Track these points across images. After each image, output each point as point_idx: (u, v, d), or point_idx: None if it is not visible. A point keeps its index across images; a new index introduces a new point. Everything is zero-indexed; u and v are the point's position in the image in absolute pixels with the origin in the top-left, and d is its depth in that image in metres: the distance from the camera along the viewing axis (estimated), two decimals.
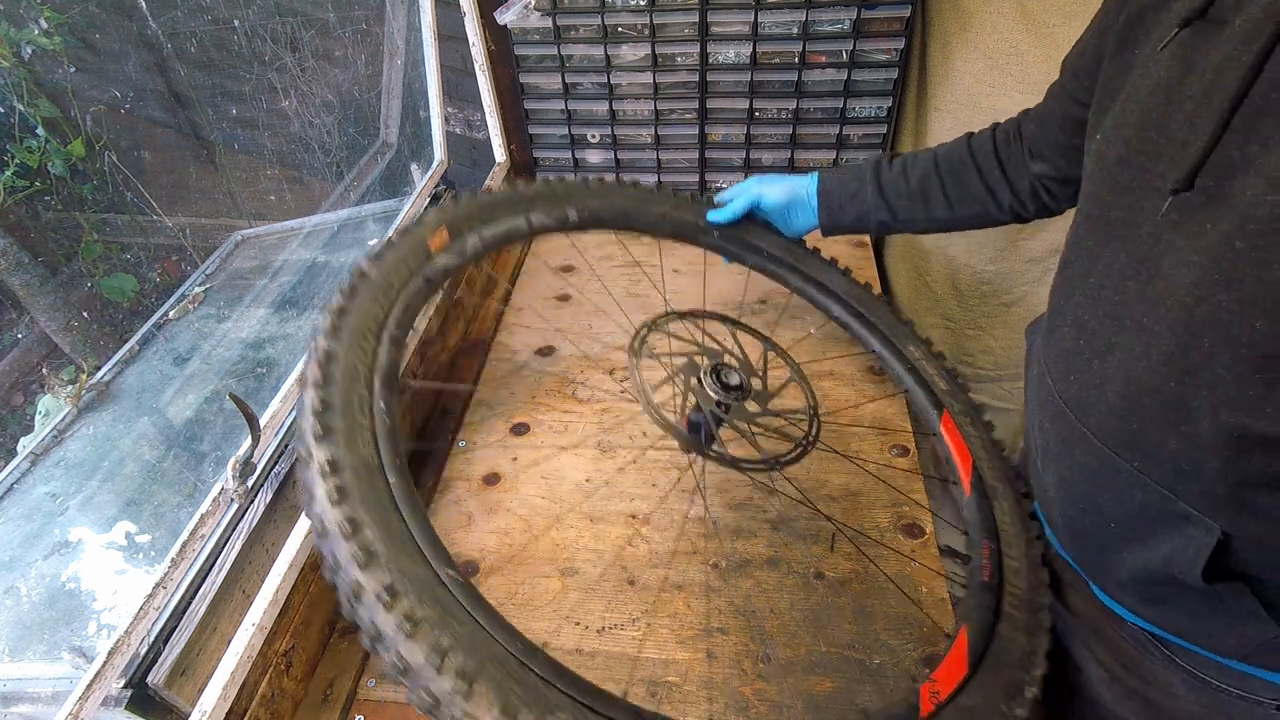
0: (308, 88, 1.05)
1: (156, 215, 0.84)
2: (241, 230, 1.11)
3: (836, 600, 0.87)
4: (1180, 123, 0.52)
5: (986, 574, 0.76)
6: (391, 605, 0.51)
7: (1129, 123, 0.57)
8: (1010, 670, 0.68)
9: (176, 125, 0.95)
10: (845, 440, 1.07)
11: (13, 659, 0.74)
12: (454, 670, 0.50)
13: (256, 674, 0.74)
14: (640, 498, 1.00)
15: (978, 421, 0.96)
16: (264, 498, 0.83)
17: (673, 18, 1.32)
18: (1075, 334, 0.63)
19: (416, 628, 0.51)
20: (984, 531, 0.81)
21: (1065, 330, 0.65)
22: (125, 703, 0.66)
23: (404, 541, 0.56)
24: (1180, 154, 0.52)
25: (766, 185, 1.04)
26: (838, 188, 0.99)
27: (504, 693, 0.50)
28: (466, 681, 0.50)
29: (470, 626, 0.53)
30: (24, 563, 0.80)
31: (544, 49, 1.38)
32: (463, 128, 1.51)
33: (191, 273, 1.05)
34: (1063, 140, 0.78)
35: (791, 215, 1.05)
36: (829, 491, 0.99)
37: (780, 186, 1.03)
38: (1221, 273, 0.48)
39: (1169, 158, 0.53)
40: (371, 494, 0.57)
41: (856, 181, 0.98)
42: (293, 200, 1.15)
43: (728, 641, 0.83)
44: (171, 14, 1.12)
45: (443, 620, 0.52)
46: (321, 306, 0.78)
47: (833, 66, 1.34)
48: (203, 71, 0.93)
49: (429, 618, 0.52)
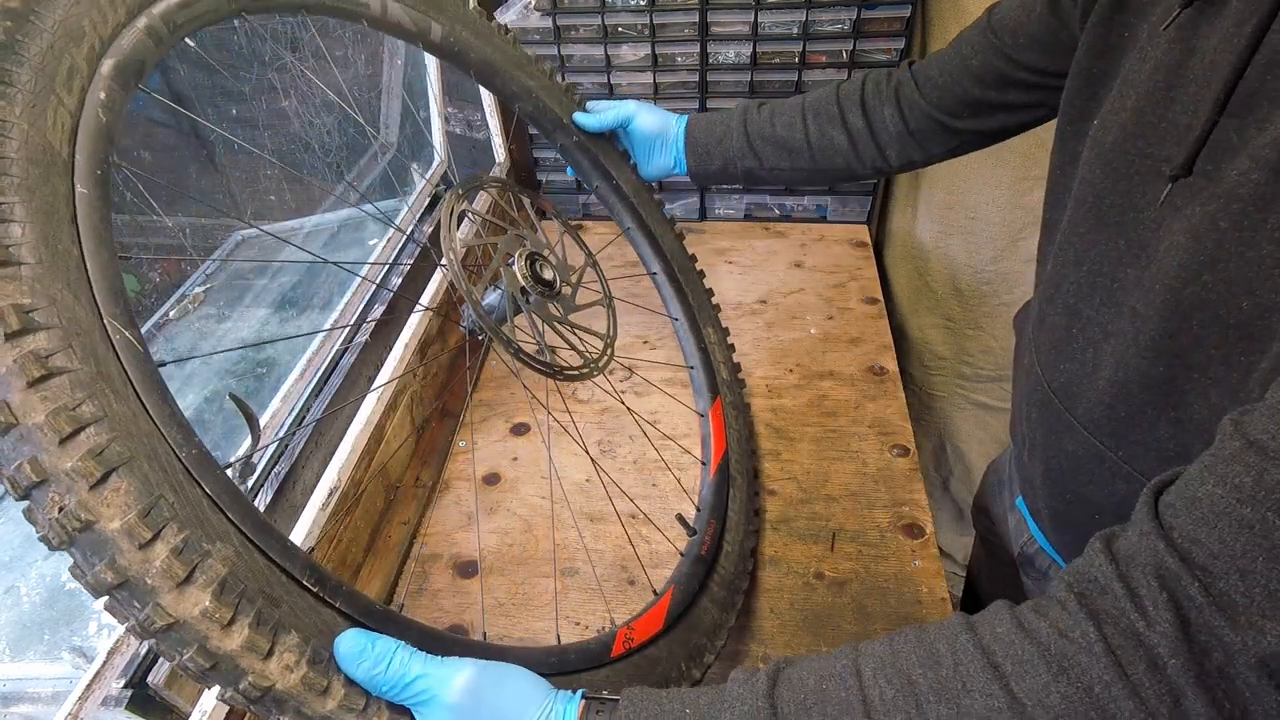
0: (307, 88, 1.05)
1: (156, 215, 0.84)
2: (242, 230, 1.11)
3: (836, 600, 0.87)
4: (1183, 106, 0.51)
5: (705, 549, 0.83)
6: (18, 333, 0.36)
7: (1126, 107, 0.56)
8: (698, 636, 0.75)
9: (176, 125, 0.95)
10: (846, 440, 1.06)
11: (13, 659, 0.74)
12: (88, 448, 0.37)
13: None
14: (640, 498, 1.00)
15: (742, 419, 1.03)
16: (264, 498, 0.83)
17: (673, 18, 1.32)
18: (1067, 322, 0.63)
19: (47, 375, 0.37)
20: (715, 512, 0.88)
21: (1056, 319, 0.65)
22: (125, 703, 0.66)
23: (70, 269, 0.40)
24: (1183, 138, 0.51)
25: (643, 109, 0.98)
26: (705, 131, 0.95)
27: (151, 496, 0.38)
28: (102, 466, 0.37)
29: (133, 407, 0.40)
30: (24, 563, 0.80)
31: (544, 49, 1.38)
32: (463, 128, 1.50)
33: (192, 273, 1.05)
34: (974, 93, 0.78)
35: (654, 150, 0.99)
36: (829, 491, 0.99)
37: (655, 116, 0.97)
38: (1206, 253, 0.48)
39: (1172, 141, 0.52)
40: (45, 191, 0.41)
41: (723, 126, 0.94)
42: (292, 200, 1.15)
43: (728, 642, 0.83)
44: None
45: (93, 383, 0.38)
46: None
47: (833, 66, 1.34)
48: (203, 71, 0.93)
49: (74, 371, 0.38)
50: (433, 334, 1.15)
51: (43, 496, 0.36)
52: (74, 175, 0.43)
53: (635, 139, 0.99)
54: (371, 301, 1.08)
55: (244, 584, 0.40)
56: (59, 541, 0.36)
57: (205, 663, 0.38)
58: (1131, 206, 0.55)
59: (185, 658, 0.38)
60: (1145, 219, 0.54)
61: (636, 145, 1.00)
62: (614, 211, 1.05)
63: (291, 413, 0.89)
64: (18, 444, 0.36)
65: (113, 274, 0.43)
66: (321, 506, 0.80)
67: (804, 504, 0.98)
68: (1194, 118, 0.50)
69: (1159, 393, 0.54)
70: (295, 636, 0.42)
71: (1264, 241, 0.45)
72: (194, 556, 0.39)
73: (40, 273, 0.38)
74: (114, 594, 0.37)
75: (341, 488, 0.83)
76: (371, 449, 0.90)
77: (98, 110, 0.46)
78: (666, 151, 0.98)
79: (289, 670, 0.41)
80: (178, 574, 0.38)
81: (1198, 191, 0.49)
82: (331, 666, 0.43)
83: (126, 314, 0.42)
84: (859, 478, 1.01)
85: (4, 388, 0.36)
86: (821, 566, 0.91)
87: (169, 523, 0.38)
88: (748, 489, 0.96)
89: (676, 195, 1.58)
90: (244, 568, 0.41)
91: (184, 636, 0.38)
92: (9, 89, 0.41)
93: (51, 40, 0.44)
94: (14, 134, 0.40)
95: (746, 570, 0.87)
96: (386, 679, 0.44)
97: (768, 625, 0.85)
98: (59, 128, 0.43)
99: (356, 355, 0.98)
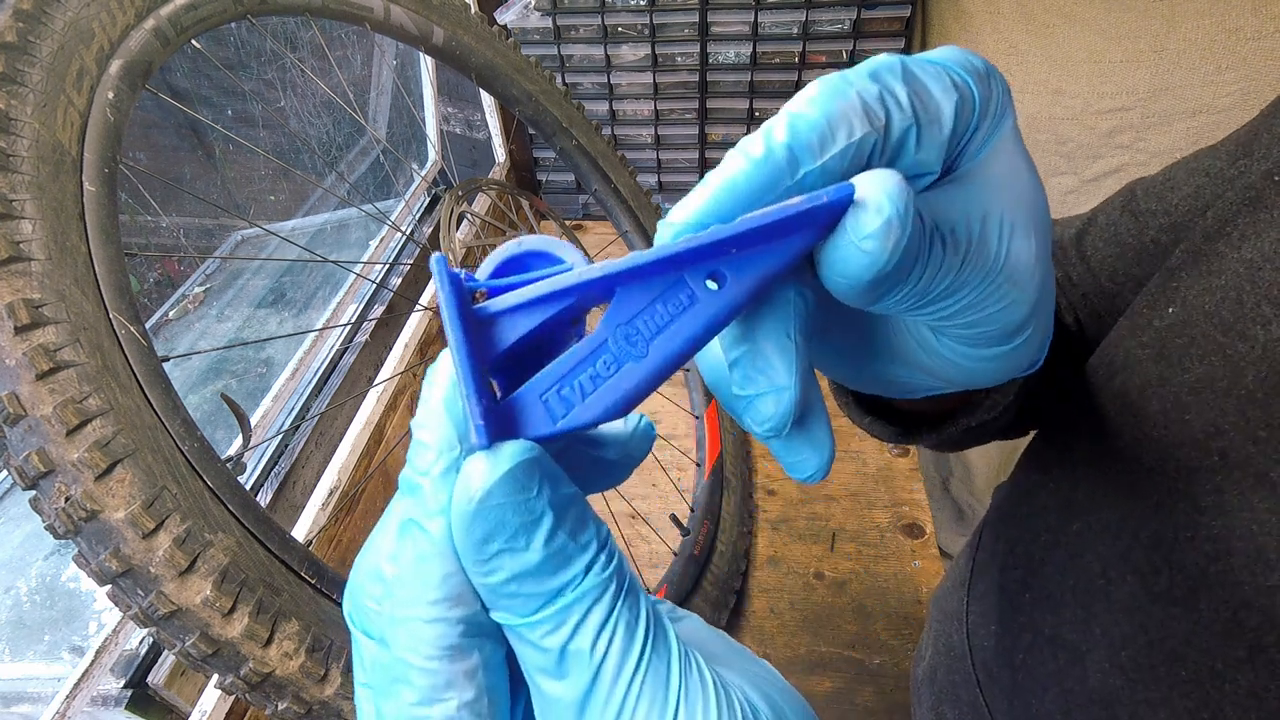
0: (306, 88, 1.05)
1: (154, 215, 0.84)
2: (241, 230, 1.11)
3: (836, 600, 0.87)
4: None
5: (698, 549, 0.84)
6: (28, 327, 0.37)
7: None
8: None
9: (175, 124, 0.96)
10: (846, 439, 1.07)
11: (13, 659, 0.73)
12: (94, 440, 0.37)
13: None
14: (640, 498, 1.00)
15: (737, 424, 1.03)
16: (265, 497, 0.83)
17: (673, 18, 1.33)
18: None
19: (56, 368, 0.37)
20: (708, 513, 0.89)
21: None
22: (125, 703, 0.66)
23: (78, 265, 0.41)
24: None
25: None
26: None
27: (155, 487, 0.39)
28: (108, 458, 0.38)
29: (137, 400, 0.41)
30: (24, 562, 0.80)
31: (544, 49, 1.38)
32: (463, 128, 1.51)
33: (191, 273, 1.05)
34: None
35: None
36: (829, 491, 0.99)
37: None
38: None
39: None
40: (55, 189, 0.42)
41: None
42: (292, 201, 1.15)
43: None
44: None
45: (100, 376, 0.39)
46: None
47: (833, 66, 1.34)
48: (202, 71, 0.93)
49: (81, 365, 0.39)
50: (433, 334, 1.15)
51: (49, 486, 0.37)
52: (82, 173, 0.45)
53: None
54: (371, 301, 1.08)
55: (245, 574, 0.41)
56: (65, 530, 0.37)
57: (206, 649, 0.39)
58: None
59: (187, 645, 0.39)
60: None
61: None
62: (611, 214, 1.06)
63: (289, 412, 0.89)
64: (26, 435, 0.37)
65: (119, 270, 0.44)
66: (322, 506, 0.80)
67: (803, 504, 0.98)
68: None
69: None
70: (295, 624, 0.42)
71: None
72: (196, 546, 0.39)
73: (50, 268, 0.40)
74: (118, 582, 0.38)
75: (341, 487, 0.83)
76: (371, 448, 0.90)
77: (106, 110, 0.47)
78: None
79: (288, 658, 0.41)
80: (180, 563, 0.38)
81: None
82: (330, 654, 0.44)
83: (131, 310, 0.43)
84: (859, 477, 1.01)
85: (14, 380, 0.37)
86: (821, 566, 0.91)
87: (172, 513, 0.39)
88: (742, 490, 0.97)
89: (675, 197, 1.59)
90: (245, 558, 0.41)
91: (186, 624, 0.38)
92: (21, 89, 0.42)
93: (62, 41, 0.45)
94: (25, 133, 0.41)
95: (740, 570, 0.88)
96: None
97: (768, 625, 0.85)
98: (68, 127, 0.44)
99: (356, 355, 0.98)
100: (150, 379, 0.42)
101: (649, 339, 0.20)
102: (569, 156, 1.00)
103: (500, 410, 0.19)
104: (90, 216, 0.44)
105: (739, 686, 0.21)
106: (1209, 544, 0.33)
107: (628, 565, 0.20)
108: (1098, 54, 1.11)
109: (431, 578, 0.19)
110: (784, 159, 0.21)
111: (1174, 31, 1.04)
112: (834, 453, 0.25)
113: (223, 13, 0.59)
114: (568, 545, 0.19)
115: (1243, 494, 0.32)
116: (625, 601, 0.19)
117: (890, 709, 0.77)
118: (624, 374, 0.20)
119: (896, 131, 0.21)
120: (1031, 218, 0.24)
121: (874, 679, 0.79)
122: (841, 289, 0.21)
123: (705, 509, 0.89)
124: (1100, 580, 0.39)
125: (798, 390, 0.23)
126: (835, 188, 0.20)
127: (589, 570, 0.19)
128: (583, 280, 0.20)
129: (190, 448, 0.42)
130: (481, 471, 0.18)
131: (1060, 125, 1.19)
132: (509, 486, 0.18)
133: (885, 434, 0.44)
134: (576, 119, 1.01)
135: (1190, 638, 0.34)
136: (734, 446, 1.00)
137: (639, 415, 0.25)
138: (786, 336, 0.23)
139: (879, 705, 0.77)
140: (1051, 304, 0.27)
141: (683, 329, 0.20)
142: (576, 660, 0.19)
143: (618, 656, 0.19)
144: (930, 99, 0.22)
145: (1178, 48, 1.05)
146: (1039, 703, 0.43)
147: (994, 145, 0.24)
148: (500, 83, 0.91)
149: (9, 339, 0.37)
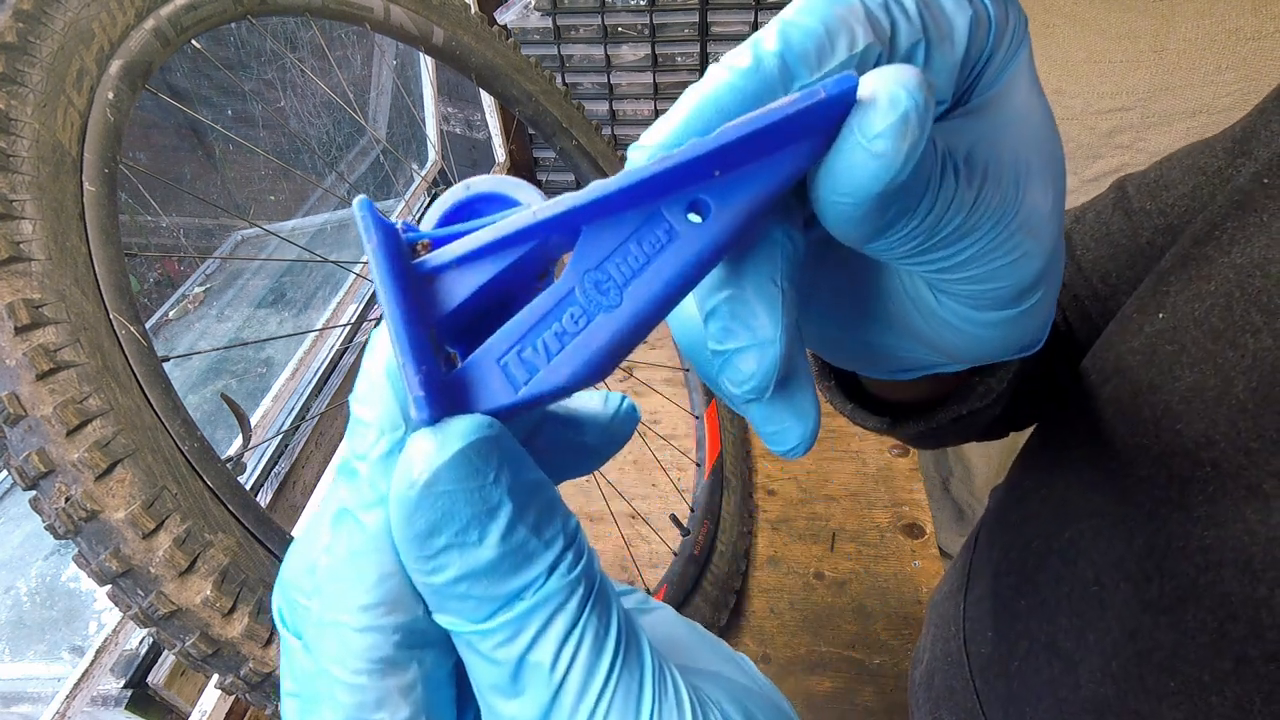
0: (306, 88, 1.05)
1: (154, 215, 0.84)
2: (241, 230, 1.11)
3: (836, 600, 0.87)
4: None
5: (698, 549, 0.84)
6: (28, 327, 0.37)
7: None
8: None
9: (175, 124, 0.96)
10: (845, 440, 1.07)
11: (13, 659, 0.73)
12: (94, 440, 0.37)
13: None
14: (640, 498, 1.00)
15: (738, 421, 1.05)
16: (264, 497, 0.83)
17: (673, 18, 1.33)
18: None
19: (56, 368, 0.37)
20: (708, 513, 0.89)
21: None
22: (125, 703, 0.66)
23: (78, 265, 0.41)
24: None
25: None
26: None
27: (155, 487, 0.39)
28: (108, 458, 0.38)
29: (137, 400, 0.41)
30: (24, 562, 0.80)
31: (544, 49, 1.38)
32: (463, 128, 1.51)
33: (191, 273, 1.05)
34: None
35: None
36: (829, 491, 0.99)
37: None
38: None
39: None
40: (55, 189, 0.42)
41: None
42: (291, 201, 1.15)
43: (727, 642, 0.83)
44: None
45: (100, 377, 0.39)
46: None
47: None
48: (202, 70, 0.93)
49: (81, 365, 0.38)
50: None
51: (50, 486, 0.37)
52: (82, 173, 0.45)
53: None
54: (371, 301, 1.08)
55: (245, 574, 0.41)
56: (65, 530, 0.37)
57: (207, 649, 0.39)
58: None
59: (187, 645, 0.39)
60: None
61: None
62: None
63: (289, 412, 0.89)
64: (26, 435, 0.37)
65: (119, 270, 0.44)
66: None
67: (804, 504, 0.98)
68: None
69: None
70: None
71: None
72: (196, 546, 0.39)
73: (50, 269, 0.40)
74: (118, 582, 0.38)
75: None
76: None
77: (106, 110, 0.47)
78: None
79: None
80: (180, 563, 0.38)
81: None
82: None
83: (131, 310, 0.43)
84: (859, 477, 1.01)
85: (14, 380, 0.37)
86: (821, 566, 0.91)
87: (172, 513, 0.39)
88: (742, 490, 0.97)
89: None
90: (245, 558, 0.41)
91: (186, 624, 0.38)
92: (21, 89, 0.42)
93: (62, 41, 0.45)
94: (26, 133, 0.41)
95: (740, 570, 0.89)
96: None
97: (768, 625, 0.85)
98: (68, 127, 0.44)
99: (356, 355, 0.98)
100: (150, 379, 0.42)
101: (623, 285, 0.17)
102: (569, 156, 1.00)
103: (451, 380, 0.16)
104: (90, 216, 0.44)
105: (717, 703, 0.19)
106: (1200, 554, 0.32)
107: (598, 565, 0.18)
108: (1098, 54, 1.11)
109: (365, 579, 0.16)
110: (775, 69, 0.17)
111: (1174, 31, 1.04)
112: (819, 423, 0.22)
113: (223, 13, 0.59)
114: (529, 541, 0.16)
115: (1235, 505, 0.31)
116: (594, 608, 0.17)
117: (890, 709, 0.77)
118: (595, 328, 0.17)
119: (904, 46, 0.18)
120: (1049, 164, 0.22)
121: (874, 679, 0.79)
122: (842, 213, 0.18)
123: (705, 509, 0.89)
124: (1094, 587, 0.38)
125: (782, 344, 0.20)
126: (834, 80, 0.17)
127: (553, 571, 0.16)
128: (539, 220, 0.16)
129: (190, 448, 0.42)
130: (426, 452, 0.15)
131: (1060, 125, 1.17)
132: (460, 470, 0.15)
133: (869, 423, 0.41)
134: (576, 119, 1.01)
135: (1178, 648, 0.33)
136: (734, 446, 1.00)
137: (621, 396, 0.22)
138: (772, 282, 0.19)
139: (879, 705, 0.77)
140: (1060, 270, 0.25)
141: (662, 270, 0.17)
142: (534, 675, 0.16)
143: (582, 672, 0.16)
144: (941, 12, 0.19)
145: (1178, 48, 1.05)
146: (1034, 711, 0.42)
147: (1009, 79, 0.21)
148: (500, 83, 0.91)
149: (9, 339, 0.37)
